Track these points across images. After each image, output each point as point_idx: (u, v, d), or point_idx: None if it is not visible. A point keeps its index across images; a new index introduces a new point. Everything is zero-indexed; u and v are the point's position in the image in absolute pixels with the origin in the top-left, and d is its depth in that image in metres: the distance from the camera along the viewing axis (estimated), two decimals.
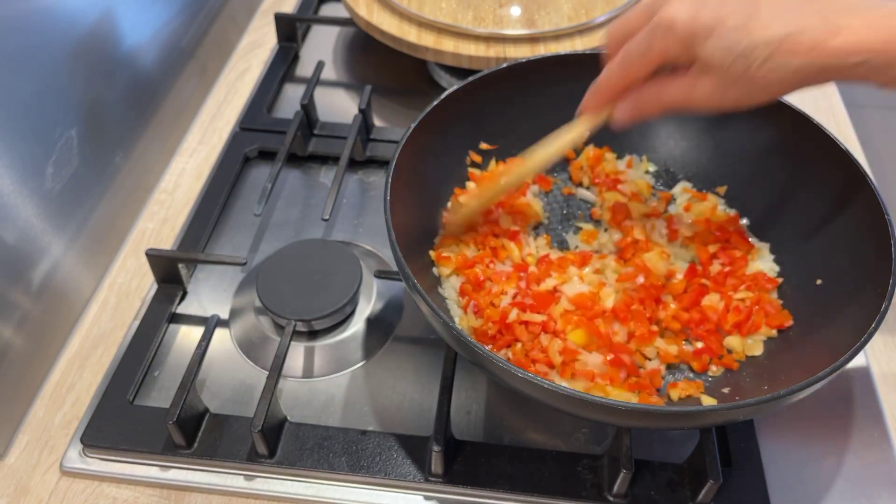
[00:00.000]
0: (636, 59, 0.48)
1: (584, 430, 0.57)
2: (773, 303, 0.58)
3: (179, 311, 0.65)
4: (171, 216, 0.74)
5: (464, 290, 0.58)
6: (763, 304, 0.57)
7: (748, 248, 0.62)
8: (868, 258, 0.52)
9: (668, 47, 0.46)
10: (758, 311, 0.57)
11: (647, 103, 0.50)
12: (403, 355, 0.62)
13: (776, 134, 0.62)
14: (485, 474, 0.53)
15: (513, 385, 0.46)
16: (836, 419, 0.58)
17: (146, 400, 0.59)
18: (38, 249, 0.60)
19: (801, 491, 0.54)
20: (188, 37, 0.84)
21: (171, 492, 0.55)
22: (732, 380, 0.55)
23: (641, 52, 0.48)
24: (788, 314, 0.57)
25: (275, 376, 0.54)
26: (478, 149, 0.67)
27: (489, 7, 0.80)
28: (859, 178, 0.55)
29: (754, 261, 0.61)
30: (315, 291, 0.61)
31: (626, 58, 0.49)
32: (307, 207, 0.74)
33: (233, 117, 0.84)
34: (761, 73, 0.44)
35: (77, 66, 0.65)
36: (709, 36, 0.44)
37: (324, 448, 0.54)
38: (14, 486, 0.55)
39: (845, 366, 0.44)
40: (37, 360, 0.61)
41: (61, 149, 0.62)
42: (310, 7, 0.99)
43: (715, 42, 0.44)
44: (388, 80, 0.89)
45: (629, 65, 0.49)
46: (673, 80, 0.48)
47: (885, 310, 0.47)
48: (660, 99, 0.49)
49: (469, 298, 0.58)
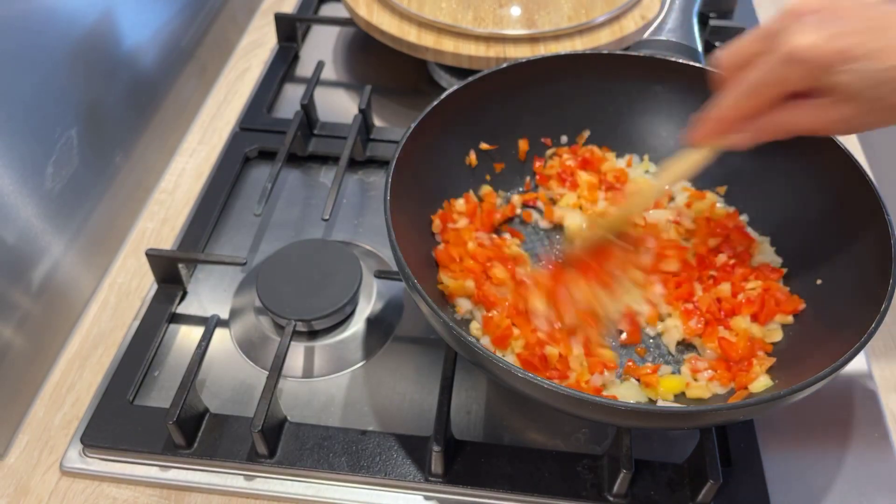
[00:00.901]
0: (760, 91, 0.46)
1: (584, 430, 0.57)
2: (781, 290, 0.59)
3: (179, 311, 0.65)
4: (171, 216, 0.74)
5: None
6: (773, 292, 0.58)
7: (749, 243, 0.62)
8: (868, 258, 0.52)
9: (796, 78, 0.44)
10: (769, 298, 0.57)
11: (774, 128, 0.48)
12: (403, 355, 0.62)
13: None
14: (485, 474, 0.53)
15: (513, 385, 0.46)
16: (836, 419, 0.58)
17: (146, 400, 0.59)
18: (38, 249, 0.60)
19: (801, 491, 0.54)
20: (188, 37, 0.84)
21: (171, 492, 0.55)
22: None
23: (767, 83, 0.46)
24: (799, 299, 0.57)
25: (275, 376, 0.54)
26: (478, 149, 0.67)
27: (489, 7, 0.80)
28: (859, 178, 0.55)
29: (756, 255, 0.62)
30: (315, 291, 0.61)
31: (749, 90, 0.47)
32: (307, 207, 0.74)
33: (233, 117, 0.84)
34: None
35: (77, 66, 0.65)
36: (842, 64, 0.42)
37: (324, 448, 0.54)
38: (14, 486, 0.55)
39: (845, 366, 0.44)
40: (37, 360, 0.61)
41: (61, 149, 0.62)
42: (310, 7, 0.99)
43: (849, 70, 0.42)
44: (388, 80, 0.89)
45: (751, 98, 0.47)
46: (802, 106, 0.46)
47: (885, 310, 0.47)
48: (786, 125, 0.47)
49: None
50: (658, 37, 0.71)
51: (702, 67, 0.64)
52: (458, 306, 0.59)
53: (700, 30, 0.73)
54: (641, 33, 0.79)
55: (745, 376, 0.53)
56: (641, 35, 0.78)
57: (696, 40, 0.71)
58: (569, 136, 0.70)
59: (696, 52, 0.70)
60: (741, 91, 0.48)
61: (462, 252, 0.60)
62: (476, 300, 0.58)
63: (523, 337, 0.55)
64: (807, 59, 0.43)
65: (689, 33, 0.71)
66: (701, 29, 0.73)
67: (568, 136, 0.70)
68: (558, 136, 0.70)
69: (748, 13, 0.99)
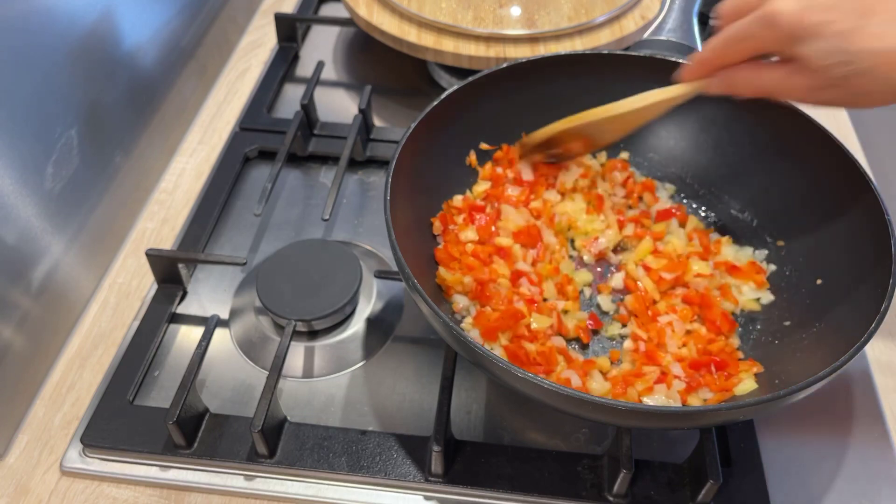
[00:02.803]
0: (735, 43, 0.49)
1: (584, 430, 0.57)
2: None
3: (179, 311, 0.65)
4: (171, 216, 0.74)
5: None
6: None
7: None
8: (868, 258, 0.52)
9: (766, 40, 0.46)
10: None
11: (740, 82, 0.51)
12: (403, 355, 0.62)
13: (776, 134, 0.62)
14: (485, 474, 0.53)
15: (513, 385, 0.46)
16: (836, 419, 0.58)
17: (146, 400, 0.59)
18: (38, 249, 0.60)
19: (801, 491, 0.54)
20: (188, 37, 0.84)
21: (171, 492, 0.55)
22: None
23: (741, 37, 0.48)
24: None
25: (275, 376, 0.54)
26: (478, 149, 0.67)
27: (489, 7, 0.80)
28: (859, 178, 0.55)
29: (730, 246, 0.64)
30: (315, 291, 0.61)
31: (727, 39, 0.49)
32: (307, 207, 0.74)
33: (233, 117, 0.84)
34: (860, 82, 0.43)
35: (77, 66, 0.65)
36: (811, 37, 0.43)
37: (324, 448, 0.54)
38: (14, 486, 0.55)
39: (845, 366, 0.44)
40: (37, 360, 0.61)
41: (61, 149, 0.62)
42: (310, 7, 0.99)
43: (816, 44, 0.43)
44: (388, 80, 0.89)
45: (727, 47, 0.49)
46: (769, 67, 0.48)
47: (885, 310, 0.47)
48: (753, 83, 0.50)
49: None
50: (658, 37, 0.71)
51: None
52: (455, 302, 0.59)
53: (700, 30, 0.73)
54: (641, 33, 0.79)
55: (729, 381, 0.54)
56: (641, 35, 0.78)
57: (696, 40, 0.71)
58: None
59: (696, 52, 0.70)
60: (720, 38, 0.50)
61: (462, 251, 0.60)
62: (473, 296, 0.58)
63: (510, 330, 0.56)
64: (779, 23, 0.45)
65: (689, 33, 0.71)
66: (701, 29, 0.73)
67: None
68: None
69: None
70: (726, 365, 0.55)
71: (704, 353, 0.56)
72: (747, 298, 0.60)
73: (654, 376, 0.54)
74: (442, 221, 0.63)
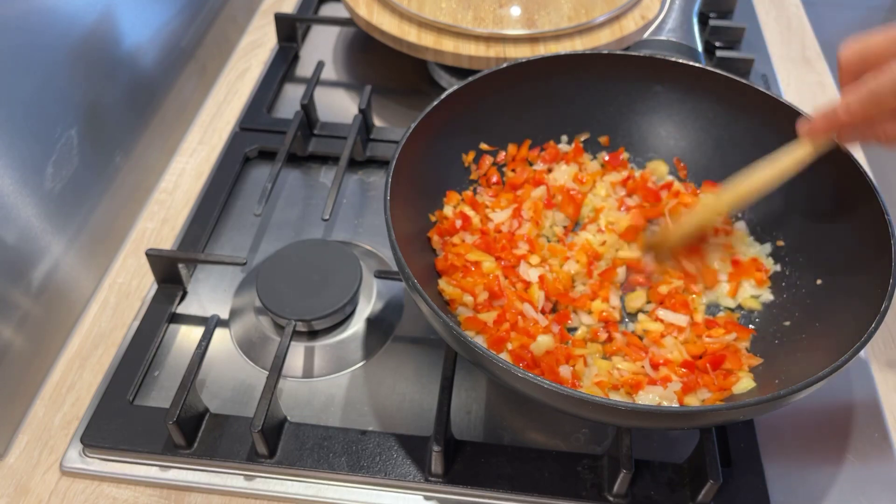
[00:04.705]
0: (888, 98, 0.45)
1: (584, 430, 0.57)
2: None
3: (179, 311, 0.65)
4: (171, 216, 0.74)
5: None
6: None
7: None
8: (868, 258, 0.52)
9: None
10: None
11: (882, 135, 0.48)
12: (403, 355, 0.62)
13: (777, 134, 0.62)
14: (485, 474, 0.53)
15: (513, 385, 0.46)
16: (836, 419, 0.58)
17: (146, 400, 0.59)
18: (38, 249, 0.60)
19: (801, 491, 0.54)
20: (188, 37, 0.84)
21: (171, 492, 0.55)
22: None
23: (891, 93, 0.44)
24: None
25: (275, 376, 0.54)
26: (478, 149, 0.67)
27: (489, 7, 0.80)
28: (859, 178, 0.55)
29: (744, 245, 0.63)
30: (315, 291, 0.61)
31: (875, 96, 0.45)
32: (307, 207, 0.74)
33: (233, 117, 0.84)
34: None
35: (77, 66, 0.65)
36: None
37: (324, 448, 0.54)
38: (14, 486, 0.55)
39: (845, 366, 0.44)
40: (37, 360, 0.61)
41: (61, 149, 0.62)
42: (310, 7, 0.99)
43: None
44: (388, 80, 0.89)
45: (876, 104, 0.45)
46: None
47: (885, 310, 0.47)
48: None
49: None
50: (658, 37, 0.71)
51: (702, 67, 0.64)
52: (459, 314, 0.58)
53: (700, 30, 0.73)
54: (641, 33, 0.79)
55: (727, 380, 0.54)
56: (641, 35, 0.78)
57: (696, 40, 0.71)
58: (568, 136, 0.70)
59: (696, 52, 0.70)
60: (867, 96, 0.46)
61: (463, 262, 0.60)
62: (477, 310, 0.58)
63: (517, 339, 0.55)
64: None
65: (689, 33, 0.71)
66: (701, 29, 0.73)
67: (568, 136, 0.70)
68: (558, 136, 0.70)
69: (748, 13, 0.99)
70: (724, 359, 0.54)
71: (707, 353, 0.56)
72: (747, 296, 0.60)
73: (648, 376, 0.54)
74: (439, 234, 0.62)
